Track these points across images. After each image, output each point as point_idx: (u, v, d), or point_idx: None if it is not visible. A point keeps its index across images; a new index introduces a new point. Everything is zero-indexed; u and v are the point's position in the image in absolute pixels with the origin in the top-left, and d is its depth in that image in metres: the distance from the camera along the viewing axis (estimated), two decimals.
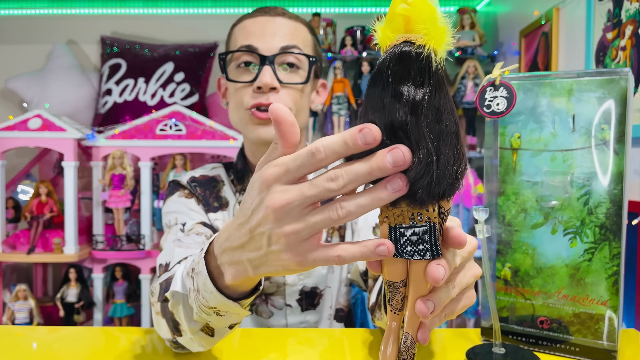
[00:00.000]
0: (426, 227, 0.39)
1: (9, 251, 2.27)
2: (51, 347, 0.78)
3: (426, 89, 0.37)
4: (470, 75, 2.48)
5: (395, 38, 0.39)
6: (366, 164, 0.36)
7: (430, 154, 0.36)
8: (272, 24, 0.85)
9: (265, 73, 0.81)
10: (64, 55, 2.63)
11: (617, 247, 0.66)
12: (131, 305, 2.37)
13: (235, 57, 0.85)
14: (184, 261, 0.61)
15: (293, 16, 0.89)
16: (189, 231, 0.83)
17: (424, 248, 0.40)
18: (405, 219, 0.39)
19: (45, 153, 2.55)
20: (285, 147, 0.40)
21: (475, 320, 2.36)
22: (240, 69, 0.85)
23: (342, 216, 0.38)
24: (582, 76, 0.67)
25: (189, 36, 2.78)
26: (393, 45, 0.38)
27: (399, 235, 0.40)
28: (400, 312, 0.43)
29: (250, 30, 0.85)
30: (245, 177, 0.93)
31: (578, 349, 0.69)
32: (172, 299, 0.59)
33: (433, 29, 0.37)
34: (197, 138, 2.26)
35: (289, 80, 0.84)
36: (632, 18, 1.50)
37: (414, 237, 0.40)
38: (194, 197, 0.90)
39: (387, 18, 0.39)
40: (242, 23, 0.88)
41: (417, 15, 0.37)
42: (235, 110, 0.87)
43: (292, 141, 0.40)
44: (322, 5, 2.84)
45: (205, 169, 0.97)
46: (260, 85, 0.81)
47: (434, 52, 0.37)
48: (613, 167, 0.65)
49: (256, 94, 0.83)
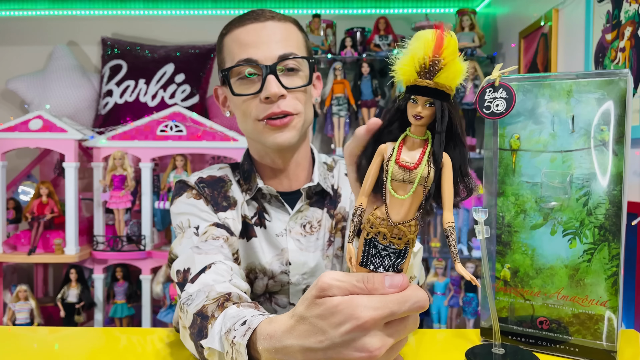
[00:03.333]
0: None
1: (10, 252, 2.27)
2: (52, 348, 0.78)
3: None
4: (470, 77, 2.48)
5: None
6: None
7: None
8: (265, 31, 0.85)
9: (270, 83, 0.82)
10: (65, 56, 2.64)
11: (616, 247, 0.66)
12: (132, 305, 2.37)
13: (235, 71, 0.86)
14: (220, 317, 0.61)
15: (282, 17, 0.89)
16: (204, 235, 0.84)
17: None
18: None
19: (46, 154, 2.55)
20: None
21: (475, 320, 2.36)
22: (243, 81, 0.86)
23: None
24: (582, 77, 0.67)
25: (189, 37, 2.79)
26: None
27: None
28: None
29: (245, 41, 0.85)
30: (252, 177, 0.93)
31: (577, 350, 0.69)
32: (207, 350, 0.60)
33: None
34: (197, 139, 2.27)
35: (293, 84, 0.85)
36: (631, 19, 1.50)
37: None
38: (202, 197, 0.91)
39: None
40: (234, 33, 0.87)
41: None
42: (244, 121, 0.88)
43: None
44: (322, 7, 2.84)
45: (213, 170, 0.97)
46: (268, 96, 0.82)
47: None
48: (612, 168, 0.65)
49: (265, 105, 0.84)
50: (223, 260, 0.79)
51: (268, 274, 0.92)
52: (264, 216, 0.93)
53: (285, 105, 0.84)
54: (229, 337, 0.55)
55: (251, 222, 0.92)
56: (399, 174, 0.43)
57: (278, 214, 0.93)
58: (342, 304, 0.43)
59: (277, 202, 0.93)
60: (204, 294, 0.68)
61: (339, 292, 0.44)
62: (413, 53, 0.41)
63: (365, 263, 0.45)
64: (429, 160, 0.43)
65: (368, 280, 0.44)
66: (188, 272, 0.78)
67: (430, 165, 0.43)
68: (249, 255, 0.92)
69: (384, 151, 0.45)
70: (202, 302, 0.66)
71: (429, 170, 0.43)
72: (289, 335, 0.47)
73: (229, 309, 0.61)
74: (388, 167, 0.44)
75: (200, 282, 0.73)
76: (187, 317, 0.66)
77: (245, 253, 0.92)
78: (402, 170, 0.43)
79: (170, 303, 2.24)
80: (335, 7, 2.86)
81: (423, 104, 0.42)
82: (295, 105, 0.85)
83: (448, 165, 0.43)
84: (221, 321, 0.60)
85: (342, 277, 0.45)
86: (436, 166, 0.43)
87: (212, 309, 0.64)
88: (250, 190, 0.92)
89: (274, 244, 0.93)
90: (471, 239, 2.46)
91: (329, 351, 0.44)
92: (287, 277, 0.92)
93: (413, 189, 0.43)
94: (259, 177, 0.93)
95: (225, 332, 0.57)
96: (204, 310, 0.64)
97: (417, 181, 0.43)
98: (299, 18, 1.14)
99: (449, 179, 0.43)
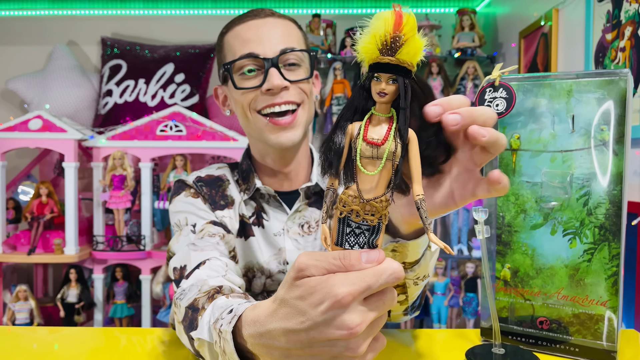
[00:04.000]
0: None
1: (10, 252, 2.27)
2: (51, 348, 0.78)
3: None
4: (470, 76, 2.49)
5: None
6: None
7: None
8: (266, 27, 0.86)
9: (273, 75, 0.83)
10: (65, 56, 2.63)
11: (616, 247, 0.66)
12: (131, 305, 2.37)
13: (237, 67, 0.86)
14: (209, 308, 0.62)
15: (281, 15, 0.91)
16: (201, 232, 0.84)
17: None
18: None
19: (46, 154, 2.55)
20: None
21: (475, 320, 2.36)
22: (244, 76, 0.86)
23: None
24: (582, 77, 0.67)
25: (189, 37, 2.78)
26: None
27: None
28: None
29: (246, 37, 0.86)
30: (250, 177, 0.93)
31: (577, 350, 0.69)
32: (197, 341, 0.60)
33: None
34: (197, 139, 2.26)
35: (295, 77, 0.86)
36: (631, 19, 1.50)
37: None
38: (200, 196, 0.91)
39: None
40: (234, 30, 0.88)
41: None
42: (246, 117, 0.88)
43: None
44: (322, 6, 2.84)
45: (211, 169, 0.97)
46: (271, 87, 0.83)
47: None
48: (612, 167, 0.65)
49: (266, 96, 0.84)
50: (218, 256, 0.80)
51: (266, 273, 0.92)
52: (262, 216, 0.93)
53: (289, 95, 0.84)
54: (216, 326, 0.55)
55: (249, 221, 0.92)
56: (367, 151, 0.44)
57: (276, 214, 0.93)
58: (320, 283, 0.43)
59: (275, 202, 0.93)
60: (196, 287, 0.69)
61: (316, 272, 0.44)
62: (374, 32, 0.43)
63: (340, 242, 0.46)
64: (395, 136, 0.44)
65: (345, 257, 0.44)
66: (184, 269, 0.79)
67: (397, 140, 0.44)
68: (247, 254, 0.92)
69: (352, 130, 0.46)
70: (194, 295, 0.67)
71: (395, 146, 0.44)
72: (271, 319, 0.47)
73: (218, 300, 0.62)
74: (356, 145, 0.45)
75: (194, 277, 0.74)
76: (180, 312, 0.67)
77: (244, 252, 0.92)
78: (370, 147, 0.44)
79: (170, 303, 2.24)
80: (335, 7, 2.86)
81: (386, 80, 0.44)
82: (296, 98, 0.86)
83: (414, 141, 0.45)
84: (210, 312, 0.60)
85: (318, 256, 0.45)
86: (402, 141, 0.44)
87: (203, 301, 0.64)
88: (248, 190, 0.93)
89: (271, 244, 0.93)
90: (471, 239, 2.46)
91: (310, 331, 0.44)
92: (284, 277, 0.93)
93: (382, 164, 0.44)
94: (257, 177, 0.93)
95: (214, 322, 0.57)
96: (195, 303, 0.65)
97: (385, 156, 0.44)
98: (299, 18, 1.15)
99: (415, 153, 0.45)
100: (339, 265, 0.44)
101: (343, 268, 0.44)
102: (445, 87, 2.55)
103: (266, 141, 0.87)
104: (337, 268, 0.44)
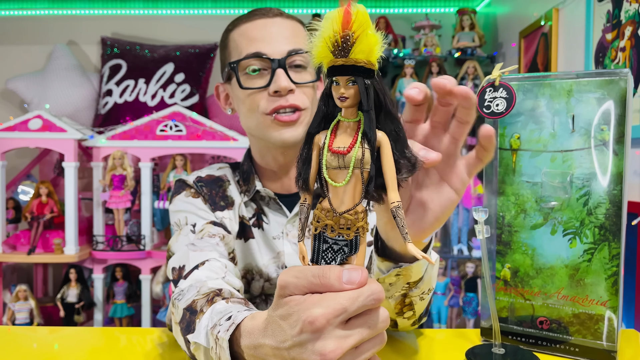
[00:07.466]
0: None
1: (10, 251, 2.27)
2: (51, 348, 0.78)
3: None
4: (470, 76, 2.48)
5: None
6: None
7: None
8: (274, 27, 0.85)
9: (280, 77, 0.81)
10: (65, 55, 2.63)
11: (616, 247, 0.66)
12: (131, 305, 2.37)
13: (242, 65, 0.85)
14: (208, 312, 0.61)
15: (289, 15, 0.90)
16: (200, 232, 0.84)
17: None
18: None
19: (46, 154, 2.55)
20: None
21: (475, 320, 2.36)
22: (249, 76, 0.85)
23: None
24: (582, 77, 0.67)
25: (189, 37, 2.78)
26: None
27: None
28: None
29: (253, 36, 0.85)
30: (251, 178, 0.93)
31: (578, 350, 0.69)
32: (194, 344, 0.60)
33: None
34: (197, 139, 2.26)
35: (302, 80, 0.85)
36: (631, 19, 1.50)
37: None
38: (200, 196, 0.91)
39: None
40: (241, 28, 0.87)
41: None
42: (250, 116, 0.87)
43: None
44: (322, 7, 2.84)
45: (212, 169, 0.97)
46: (278, 89, 0.82)
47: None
48: (612, 167, 0.65)
49: (273, 98, 0.83)
50: (218, 257, 0.79)
51: (264, 276, 0.92)
52: (261, 218, 0.93)
53: (294, 99, 0.83)
54: (214, 332, 0.55)
55: (249, 223, 0.92)
56: (333, 161, 0.42)
57: (276, 217, 0.93)
58: (298, 304, 0.42)
59: (275, 205, 0.93)
60: (195, 289, 0.68)
61: (296, 290, 0.43)
62: (323, 34, 0.40)
63: (316, 259, 0.44)
64: (362, 141, 0.41)
65: (323, 275, 0.42)
66: (183, 269, 0.78)
67: (365, 146, 0.41)
68: (247, 256, 0.92)
69: (318, 141, 0.43)
70: (193, 297, 0.66)
71: (363, 152, 0.41)
72: (263, 333, 0.47)
73: (217, 304, 0.61)
74: (321, 156, 0.42)
75: (193, 278, 0.73)
76: (177, 312, 0.66)
77: (243, 254, 0.92)
78: (335, 157, 0.41)
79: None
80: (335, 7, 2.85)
81: (345, 84, 0.41)
82: (303, 100, 0.85)
83: (385, 144, 0.41)
84: (208, 316, 0.60)
85: (298, 273, 0.43)
86: (371, 146, 0.41)
87: (202, 304, 0.63)
88: (248, 192, 0.92)
89: (270, 247, 0.92)
90: (471, 239, 2.46)
91: (291, 352, 0.43)
92: None
93: (349, 173, 0.41)
94: (258, 179, 0.93)
95: (211, 327, 0.56)
96: (193, 305, 0.64)
97: (352, 165, 0.41)
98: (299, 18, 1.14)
99: (388, 157, 0.41)
100: (317, 283, 0.42)
101: (321, 287, 0.42)
102: None
103: (269, 139, 0.86)
104: (316, 287, 0.42)
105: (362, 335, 0.42)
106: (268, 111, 0.84)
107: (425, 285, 0.66)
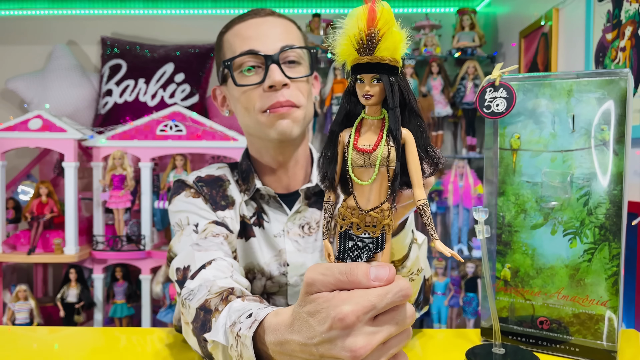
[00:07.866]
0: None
1: (10, 251, 2.27)
2: (51, 348, 0.78)
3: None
4: (470, 76, 2.48)
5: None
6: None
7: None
8: (266, 25, 0.87)
9: (274, 72, 0.82)
10: (65, 55, 2.63)
11: (616, 247, 0.66)
12: (131, 305, 2.37)
13: (237, 64, 0.86)
14: (225, 310, 0.61)
15: (281, 15, 0.91)
16: (204, 232, 0.84)
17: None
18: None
19: (46, 153, 2.55)
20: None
21: (475, 320, 2.36)
22: (245, 75, 0.86)
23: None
24: (582, 77, 0.67)
25: (189, 37, 2.78)
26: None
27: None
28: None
29: (246, 35, 0.86)
30: (250, 177, 0.93)
31: (578, 350, 0.69)
32: (211, 343, 0.60)
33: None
34: (197, 138, 2.26)
35: (296, 74, 0.86)
36: (631, 19, 1.50)
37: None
38: (200, 196, 0.91)
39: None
40: (234, 29, 0.88)
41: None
42: (247, 115, 0.88)
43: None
44: (322, 6, 2.84)
45: (211, 169, 0.97)
46: (272, 84, 0.82)
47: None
48: (613, 167, 0.65)
49: (268, 94, 0.84)
50: (223, 257, 0.79)
51: (266, 274, 0.92)
52: (262, 217, 0.93)
53: (290, 94, 0.84)
54: (234, 329, 0.55)
55: (250, 222, 0.92)
56: (358, 160, 0.42)
57: (276, 215, 0.93)
58: (326, 300, 0.43)
59: (275, 203, 0.93)
60: (205, 288, 0.68)
61: (323, 287, 0.43)
62: (348, 31, 0.40)
63: (342, 257, 0.44)
64: (387, 139, 0.41)
65: (351, 272, 0.42)
66: (188, 269, 0.78)
67: (390, 144, 0.41)
68: (248, 255, 0.92)
69: (343, 139, 0.43)
70: (205, 296, 0.66)
71: (389, 150, 0.41)
72: (289, 330, 0.47)
73: (234, 302, 0.61)
74: (347, 155, 0.42)
75: (201, 278, 0.73)
76: (189, 312, 0.66)
77: (244, 253, 0.92)
78: (361, 155, 0.41)
79: (170, 303, 2.24)
80: (335, 7, 2.86)
81: (370, 81, 0.41)
82: (298, 96, 0.85)
83: (410, 141, 0.41)
84: (226, 314, 0.59)
85: (325, 270, 0.43)
86: (396, 144, 0.41)
87: (216, 302, 0.63)
88: (248, 191, 0.92)
89: (272, 245, 0.92)
90: (471, 239, 2.46)
91: (320, 348, 0.43)
92: (285, 279, 0.92)
93: (375, 172, 0.41)
94: (257, 178, 0.93)
95: (231, 325, 0.56)
96: (206, 304, 0.64)
97: (378, 163, 0.41)
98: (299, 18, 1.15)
99: (413, 154, 0.41)
100: (345, 281, 0.43)
101: (349, 284, 0.43)
102: (445, 87, 2.55)
103: (267, 135, 0.86)
104: (343, 284, 0.43)
105: (390, 331, 0.43)
106: (264, 109, 0.84)
107: (413, 265, 0.67)
